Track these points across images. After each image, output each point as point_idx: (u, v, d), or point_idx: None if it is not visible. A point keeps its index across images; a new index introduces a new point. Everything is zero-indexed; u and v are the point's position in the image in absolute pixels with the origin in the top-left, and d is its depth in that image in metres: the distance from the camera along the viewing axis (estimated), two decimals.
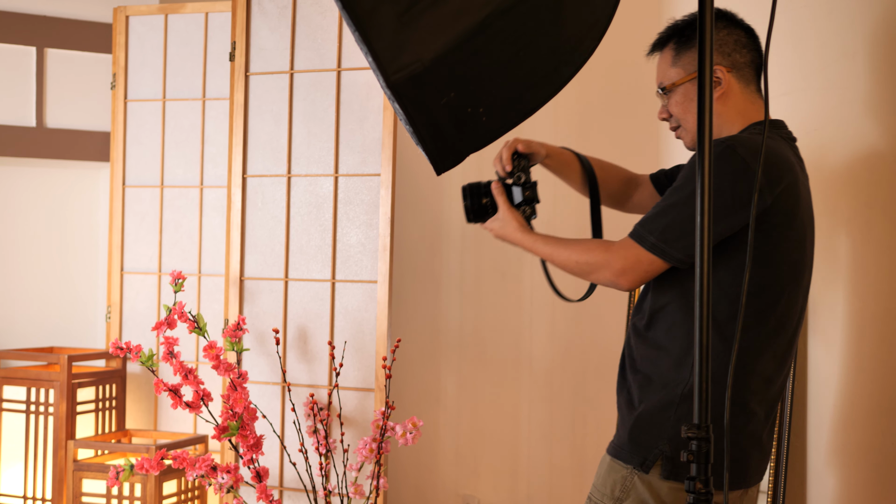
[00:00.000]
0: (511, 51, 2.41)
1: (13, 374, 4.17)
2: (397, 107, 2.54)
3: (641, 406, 2.29)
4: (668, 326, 2.29)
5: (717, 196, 2.15)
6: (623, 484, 2.28)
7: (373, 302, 3.83)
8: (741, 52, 2.36)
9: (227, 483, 3.48)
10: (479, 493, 4.58)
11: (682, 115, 2.39)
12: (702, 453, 1.78)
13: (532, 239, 2.46)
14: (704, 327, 1.80)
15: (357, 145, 3.88)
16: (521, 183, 2.53)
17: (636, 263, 2.24)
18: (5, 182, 4.86)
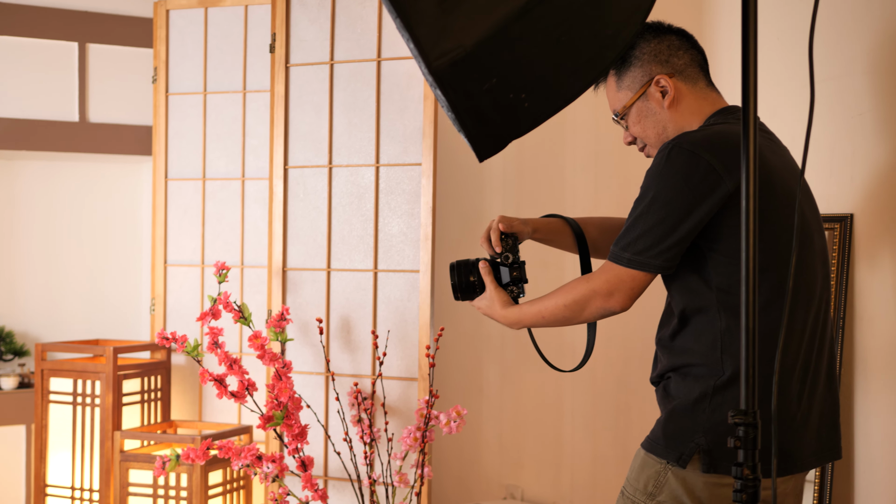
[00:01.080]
0: (553, 36, 2.40)
1: (60, 367, 4.21)
2: (439, 93, 2.53)
3: (675, 401, 2.28)
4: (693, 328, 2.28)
5: (677, 196, 2.17)
6: (657, 479, 2.26)
7: (415, 291, 3.83)
8: (677, 55, 2.39)
9: (273, 472, 3.50)
10: (522, 484, 4.58)
11: (643, 133, 2.43)
12: (749, 439, 1.77)
13: (516, 311, 2.47)
14: (750, 313, 1.79)
15: (398, 135, 3.88)
16: (508, 263, 2.54)
17: (619, 283, 2.25)
18: (49, 176, 4.91)
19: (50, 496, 4.23)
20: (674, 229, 2.19)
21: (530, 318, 2.42)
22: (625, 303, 2.27)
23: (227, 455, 3.51)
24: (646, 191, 2.23)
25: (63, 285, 4.94)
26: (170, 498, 3.93)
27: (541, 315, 2.40)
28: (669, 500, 2.24)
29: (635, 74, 2.40)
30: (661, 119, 2.39)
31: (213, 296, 3.66)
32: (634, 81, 2.40)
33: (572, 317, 2.34)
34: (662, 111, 2.38)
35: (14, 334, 4.75)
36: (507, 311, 2.49)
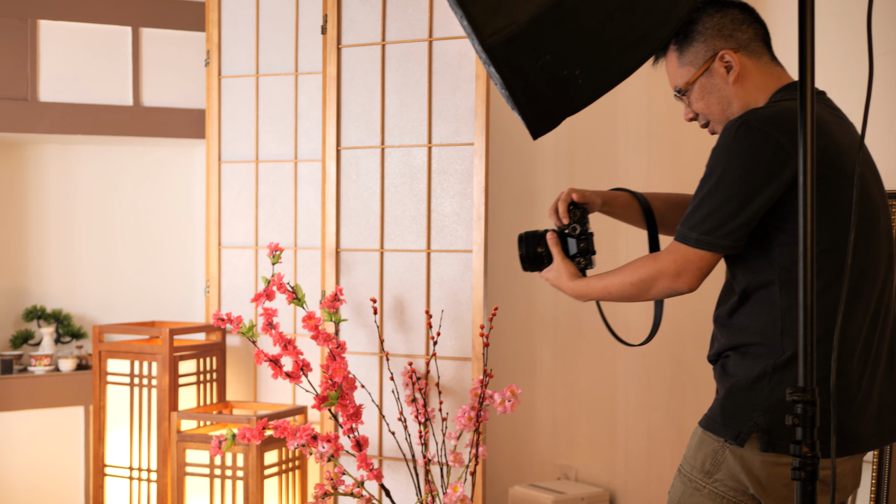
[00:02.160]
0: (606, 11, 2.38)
1: (117, 348, 4.25)
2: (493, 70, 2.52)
3: (734, 378, 2.26)
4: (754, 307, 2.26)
5: (746, 172, 2.15)
6: (714, 457, 2.24)
7: (468, 271, 3.83)
8: (741, 30, 2.35)
9: (328, 452, 3.51)
10: (575, 464, 4.57)
11: (707, 109, 2.40)
12: (808, 417, 1.75)
13: (583, 284, 2.45)
14: (808, 290, 1.78)
15: (450, 115, 3.87)
16: (575, 234, 2.52)
17: (687, 263, 2.23)
18: (104, 160, 4.96)
19: (108, 476, 4.29)
20: (742, 209, 2.16)
21: (597, 292, 2.42)
22: (692, 283, 2.25)
23: (283, 435, 3.53)
24: (712, 169, 2.21)
25: (118, 268, 5.00)
26: (226, 478, 3.97)
27: (607, 290, 2.39)
28: (727, 479, 2.23)
29: (698, 50, 2.36)
30: (726, 95, 2.36)
31: (266, 277, 3.68)
32: (697, 57, 2.37)
33: (638, 295, 2.33)
34: (727, 87, 2.35)
35: (71, 317, 4.81)
36: (574, 283, 2.48)
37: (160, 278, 5.05)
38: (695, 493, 2.27)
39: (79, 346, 4.79)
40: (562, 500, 4.27)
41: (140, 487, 4.22)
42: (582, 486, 4.45)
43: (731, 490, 2.23)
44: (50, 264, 4.88)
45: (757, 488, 2.21)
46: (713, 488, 2.24)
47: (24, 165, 4.83)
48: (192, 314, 5.04)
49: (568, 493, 4.32)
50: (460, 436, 3.61)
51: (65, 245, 4.90)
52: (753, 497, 2.22)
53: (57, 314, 4.75)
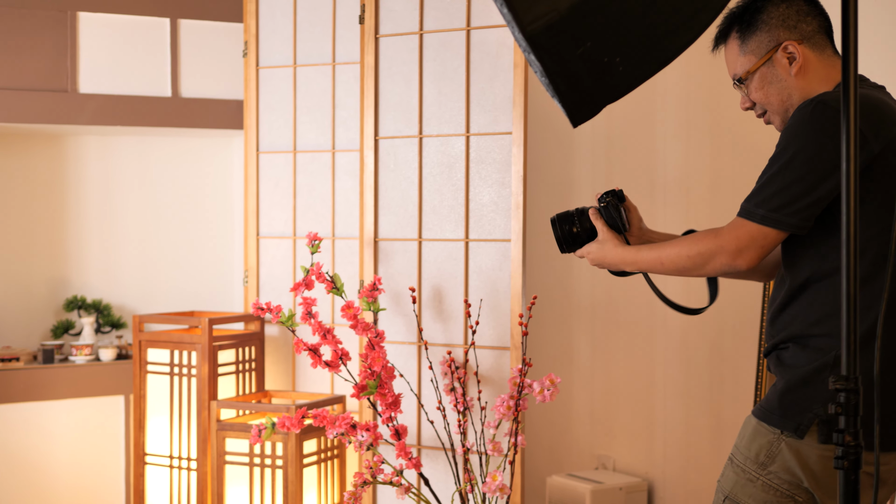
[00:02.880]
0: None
1: (157, 338, 4.28)
2: (532, 58, 2.52)
3: (793, 370, 2.23)
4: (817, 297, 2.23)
5: (820, 152, 2.12)
6: (769, 449, 2.22)
7: (506, 261, 3.83)
8: (806, 21, 2.32)
9: (367, 441, 3.52)
10: (613, 454, 4.56)
11: (766, 100, 2.36)
12: (850, 405, 1.74)
13: (633, 252, 2.41)
14: (851, 279, 1.76)
15: (488, 104, 3.87)
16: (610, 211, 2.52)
17: (750, 241, 2.19)
18: (143, 151, 4.99)
19: (149, 464, 4.32)
20: (813, 188, 2.13)
21: (647, 262, 2.38)
22: (752, 261, 2.21)
23: (322, 424, 3.54)
24: (784, 148, 2.17)
25: (157, 258, 5.03)
26: (266, 466, 3.99)
27: (659, 261, 2.34)
28: (781, 472, 2.20)
29: (761, 39, 2.34)
30: (787, 86, 2.33)
31: (305, 267, 3.69)
32: (760, 46, 2.34)
33: (693, 268, 2.28)
34: (789, 78, 2.33)
35: (111, 307, 4.85)
36: (622, 249, 2.44)
37: (198, 268, 5.08)
38: (748, 485, 2.25)
39: (118, 336, 4.82)
40: (600, 489, 4.26)
41: (180, 476, 4.25)
42: (620, 475, 4.44)
43: (785, 483, 2.20)
44: (90, 255, 4.91)
45: (811, 482, 2.19)
46: (767, 480, 2.22)
47: (64, 157, 4.87)
48: (230, 304, 5.06)
49: (606, 482, 4.31)
50: (499, 425, 3.61)
51: (105, 236, 4.94)
52: (808, 491, 2.20)
53: (97, 304, 4.79)
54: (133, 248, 4.98)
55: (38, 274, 4.85)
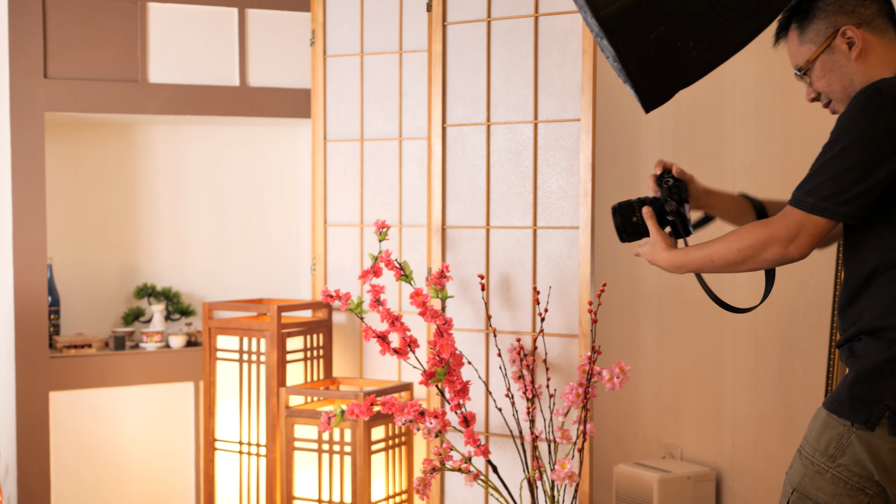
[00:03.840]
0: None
1: (226, 325, 4.32)
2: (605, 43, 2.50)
3: (863, 361, 2.20)
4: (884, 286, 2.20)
5: (873, 139, 2.10)
6: (839, 441, 2.19)
7: (575, 248, 3.81)
8: (864, 5, 2.29)
9: (435, 428, 3.53)
10: (681, 443, 4.53)
11: (828, 88, 2.34)
12: None
13: (681, 255, 2.39)
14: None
15: (556, 91, 3.85)
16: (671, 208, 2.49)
17: (801, 229, 2.17)
18: (212, 140, 5.04)
19: (219, 450, 4.36)
20: (864, 176, 2.11)
21: (697, 262, 2.36)
22: (804, 251, 2.20)
23: (391, 411, 3.56)
24: (838, 136, 2.16)
25: (226, 247, 5.08)
26: (334, 453, 4.01)
27: (709, 258, 2.32)
28: (851, 464, 2.18)
29: (819, 27, 2.32)
30: (848, 72, 2.30)
31: (374, 254, 3.70)
32: (818, 34, 2.32)
33: (745, 261, 2.27)
34: (849, 63, 2.30)
35: (181, 295, 4.90)
36: (670, 253, 2.43)
37: (266, 256, 5.12)
38: (816, 477, 2.22)
39: (188, 324, 4.88)
40: (667, 478, 4.24)
41: (249, 462, 4.29)
42: (688, 465, 4.41)
43: (855, 476, 2.18)
44: (160, 243, 4.97)
45: (883, 475, 2.16)
46: (836, 472, 2.20)
47: (134, 146, 4.93)
48: (297, 292, 5.10)
49: (674, 471, 4.29)
50: (568, 412, 3.60)
51: (174, 224, 4.99)
52: (878, 484, 2.17)
53: (167, 292, 4.85)
54: (201, 237, 5.04)
55: (110, 262, 4.92)
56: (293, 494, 4.10)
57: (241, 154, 5.09)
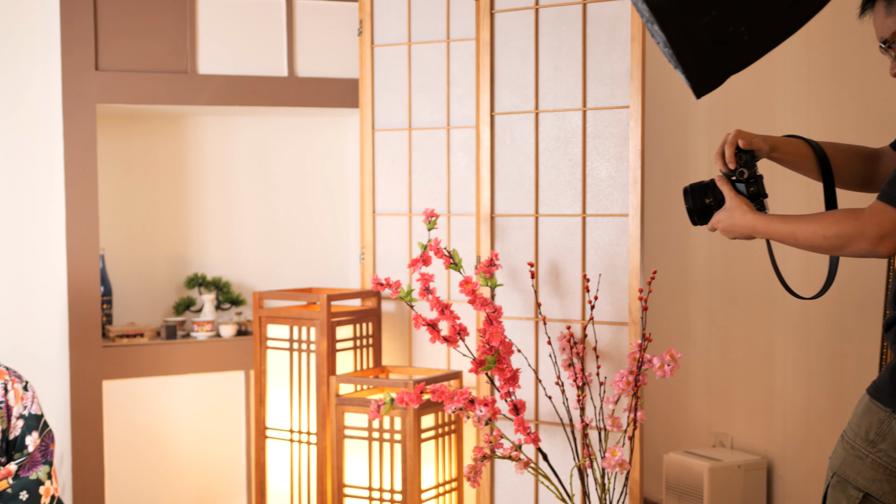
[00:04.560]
0: None
1: (276, 314, 4.35)
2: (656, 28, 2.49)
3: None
4: None
5: None
6: (879, 427, 2.18)
7: (624, 235, 3.80)
8: None
9: (486, 416, 3.54)
10: (732, 431, 4.51)
11: None
12: None
13: (765, 220, 2.33)
14: None
15: (605, 78, 3.84)
16: (744, 179, 2.44)
17: (893, 227, 2.10)
18: (261, 131, 5.07)
19: (270, 438, 4.40)
20: None
21: (780, 233, 2.29)
22: (894, 249, 2.13)
23: (440, 399, 3.57)
24: None
25: (274, 236, 5.11)
26: (384, 441, 4.03)
27: (793, 235, 2.26)
28: (891, 450, 2.17)
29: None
30: None
31: (422, 243, 3.71)
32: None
33: (829, 249, 2.21)
34: None
35: (231, 284, 4.94)
36: (753, 216, 2.35)
37: (314, 246, 5.14)
38: (857, 462, 2.21)
39: (238, 313, 4.92)
40: (718, 467, 4.22)
41: (300, 450, 4.32)
42: (738, 453, 4.39)
43: (894, 461, 2.17)
44: (209, 233, 5.01)
45: None
46: (876, 458, 2.19)
47: (184, 137, 4.97)
48: (345, 281, 5.12)
49: (724, 460, 4.27)
50: (618, 400, 3.59)
51: (223, 214, 5.03)
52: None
53: (217, 281, 4.89)
54: (250, 227, 5.07)
55: (160, 252, 4.97)
56: (344, 482, 4.13)
57: (289, 144, 5.12)
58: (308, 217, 5.14)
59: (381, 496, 4.05)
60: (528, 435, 3.54)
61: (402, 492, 3.99)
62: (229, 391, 4.79)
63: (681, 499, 4.35)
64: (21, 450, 3.41)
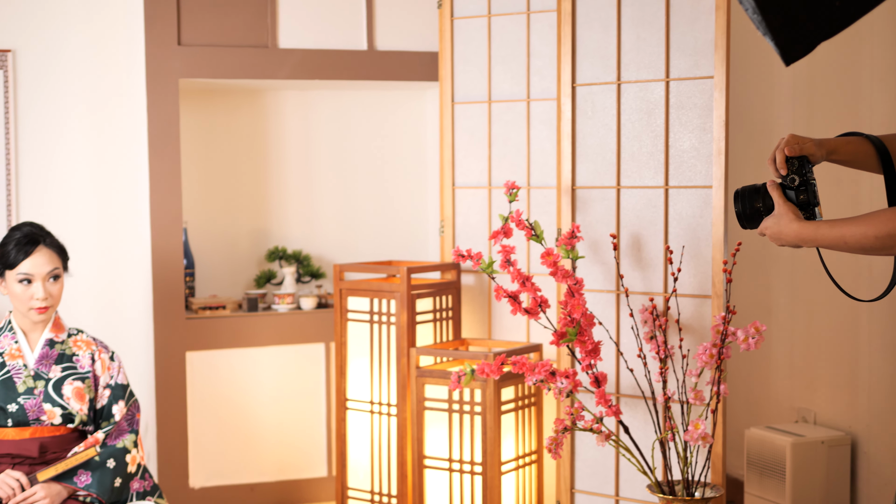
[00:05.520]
0: None
1: (357, 287, 4.38)
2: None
3: None
4: None
5: None
6: None
7: (708, 207, 3.76)
8: None
9: (567, 388, 3.53)
10: (815, 407, 4.45)
11: None
12: None
13: (812, 228, 2.28)
14: None
15: (688, 48, 3.79)
16: (794, 186, 2.40)
17: None
18: (340, 104, 5.09)
19: (350, 410, 4.43)
20: None
21: (829, 239, 2.26)
22: None
23: (521, 370, 3.56)
24: None
25: (354, 210, 5.13)
26: (464, 413, 4.04)
27: (842, 239, 2.22)
28: None
29: None
30: None
31: (504, 215, 3.70)
32: None
33: (880, 249, 2.16)
34: None
35: (311, 257, 4.98)
36: (800, 225, 2.32)
37: (393, 219, 5.16)
38: None
39: (318, 286, 4.96)
40: (801, 443, 4.18)
41: (380, 421, 4.35)
42: (821, 429, 4.33)
43: None
44: (290, 206, 5.05)
45: None
46: None
47: (265, 111, 5.01)
48: (424, 254, 5.14)
49: (807, 436, 4.22)
50: (701, 373, 3.56)
51: (303, 188, 5.07)
52: None
53: (297, 255, 4.93)
54: (330, 200, 5.10)
55: (242, 226, 5.02)
56: (424, 453, 4.15)
57: (368, 118, 5.13)
58: (386, 190, 5.16)
59: (462, 467, 4.06)
60: (609, 407, 3.53)
61: (482, 463, 4.01)
62: (310, 363, 4.84)
63: (762, 474, 4.31)
64: (108, 418, 3.47)
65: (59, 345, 3.44)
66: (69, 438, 3.40)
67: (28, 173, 4.46)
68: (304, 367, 4.84)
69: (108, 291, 4.59)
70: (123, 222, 4.58)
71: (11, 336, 3.42)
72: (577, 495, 4.05)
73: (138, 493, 3.44)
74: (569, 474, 4.06)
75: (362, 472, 4.42)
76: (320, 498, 4.87)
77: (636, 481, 3.92)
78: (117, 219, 4.58)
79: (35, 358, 3.41)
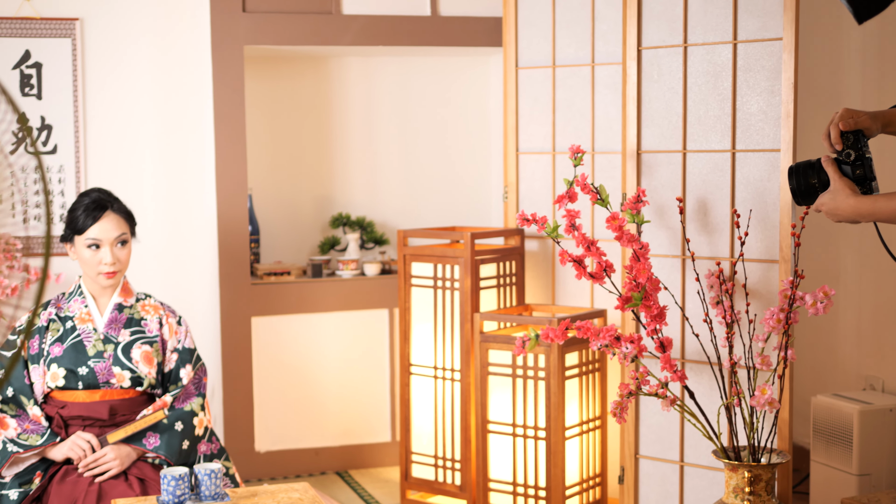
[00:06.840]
0: None
1: (420, 252, 4.39)
2: None
3: None
4: None
5: None
6: None
7: (776, 171, 3.72)
8: None
9: (632, 353, 3.52)
10: (883, 375, 4.40)
11: None
12: None
13: (869, 202, 2.25)
14: None
15: (756, 9, 3.74)
16: (850, 161, 2.35)
17: None
18: (403, 70, 5.09)
19: (414, 375, 4.45)
20: None
21: (886, 212, 2.24)
22: None
23: (586, 335, 3.55)
24: None
25: (417, 176, 5.14)
26: (528, 378, 4.05)
27: None
28: None
29: None
30: None
31: (569, 179, 3.69)
32: None
33: None
34: None
35: (374, 224, 5.00)
36: (857, 199, 2.30)
37: (456, 185, 5.16)
38: None
39: (381, 252, 4.98)
40: (868, 410, 4.13)
41: (444, 386, 4.37)
42: (890, 397, 4.28)
43: None
44: (353, 173, 5.07)
45: None
46: None
47: (328, 78, 5.03)
48: (487, 219, 5.13)
49: (875, 403, 4.17)
50: (768, 338, 3.53)
51: (366, 154, 5.08)
52: None
53: (361, 221, 4.95)
54: (393, 166, 5.11)
55: (306, 192, 5.05)
56: (487, 418, 4.16)
57: (431, 84, 5.13)
58: (449, 157, 5.16)
59: (525, 432, 4.07)
60: (674, 372, 3.51)
61: (545, 428, 4.01)
62: (374, 328, 4.87)
63: (829, 442, 4.26)
64: (176, 382, 3.52)
65: (127, 309, 3.49)
66: (138, 401, 3.45)
67: (96, 140, 4.52)
68: (368, 333, 4.86)
69: (176, 257, 4.65)
70: (190, 189, 4.63)
71: (81, 300, 3.47)
72: (641, 461, 4.05)
73: (205, 456, 3.48)
74: (633, 440, 4.05)
75: (426, 437, 4.45)
76: (384, 462, 4.91)
77: (701, 447, 3.90)
78: (184, 185, 4.63)
79: (104, 322, 3.46)
